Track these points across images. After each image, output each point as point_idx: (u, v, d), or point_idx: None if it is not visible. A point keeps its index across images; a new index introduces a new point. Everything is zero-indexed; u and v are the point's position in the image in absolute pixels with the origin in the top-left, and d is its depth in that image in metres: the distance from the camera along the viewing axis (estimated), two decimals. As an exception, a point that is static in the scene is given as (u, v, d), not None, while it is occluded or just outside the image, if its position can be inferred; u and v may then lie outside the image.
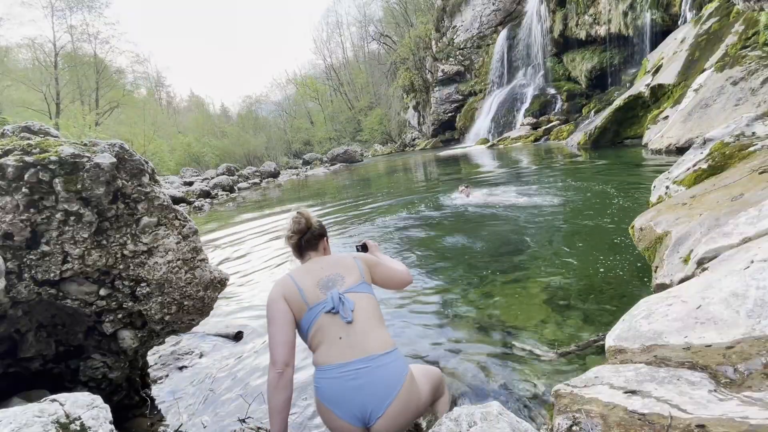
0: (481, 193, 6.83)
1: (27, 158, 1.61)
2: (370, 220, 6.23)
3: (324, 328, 1.42)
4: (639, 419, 0.90)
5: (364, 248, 1.99)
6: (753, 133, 2.86)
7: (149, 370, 2.41)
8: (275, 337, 1.42)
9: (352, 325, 1.40)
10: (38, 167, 1.61)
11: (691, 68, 9.03)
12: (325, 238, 1.71)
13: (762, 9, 5.06)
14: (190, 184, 18.40)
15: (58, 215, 1.64)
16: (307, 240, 1.65)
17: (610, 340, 1.35)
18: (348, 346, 1.38)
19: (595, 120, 12.65)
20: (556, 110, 19.57)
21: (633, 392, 1.01)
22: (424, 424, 1.71)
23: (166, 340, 2.54)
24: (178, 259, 1.94)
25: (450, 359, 2.23)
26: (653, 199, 3.17)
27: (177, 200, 12.16)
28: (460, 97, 28.95)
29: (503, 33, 24.77)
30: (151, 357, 2.63)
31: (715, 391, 0.95)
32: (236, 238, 6.56)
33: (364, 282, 1.54)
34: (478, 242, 4.29)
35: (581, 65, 18.93)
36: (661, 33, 13.96)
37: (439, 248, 4.32)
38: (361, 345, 1.38)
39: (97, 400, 1.30)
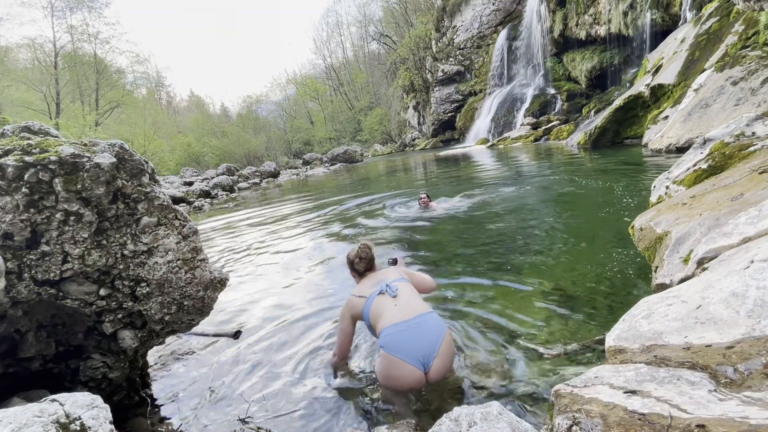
0: (444, 202, 6.32)
1: (27, 158, 1.61)
2: (370, 216, 6.24)
3: (380, 305, 1.96)
4: (639, 419, 0.90)
5: (394, 262, 2.57)
6: (753, 133, 2.86)
7: (149, 370, 2.41)
8: (339, 339, 2.16)
9: (398, 298, 1.95)
10: (38, 167, 1.61)
11: (691, 68, 9.02)
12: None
13: (762, 9, 5.06)
14: (190, 184, 18.38)
15: (58, 215, 1.64)
16: (369, 266, 2.26)
17: (610, 340, 1.35)
18: (401, 311, 1.89)
19: (595, 120, 12.64)
20: (556, 110, 19.56)
21: (633, 392, 1.01)
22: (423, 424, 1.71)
23: (166, 340, 2.54)
24: (178, 259, 1.94)
25: (450, 359, 2.23)
26: (653, 198, 3.17)
27: (177, 200, 12.15)
28: (460, 97, 28.93)
29: (503, 33, 24.75)
30: (151, 357, 2.63)
31: (715, 391, 0.95)
32: (235, 237, 6.56)
33: (403, 278, 2.12)
34: (477, 242, 4.30)
35: (581, 65, 18.92)
36: (661, 33, 13.95)
37: (437, 248, 4.32)
38: (410, 308, 1.90)
39: (97, 400, 1.30)
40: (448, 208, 6.01)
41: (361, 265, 2.24)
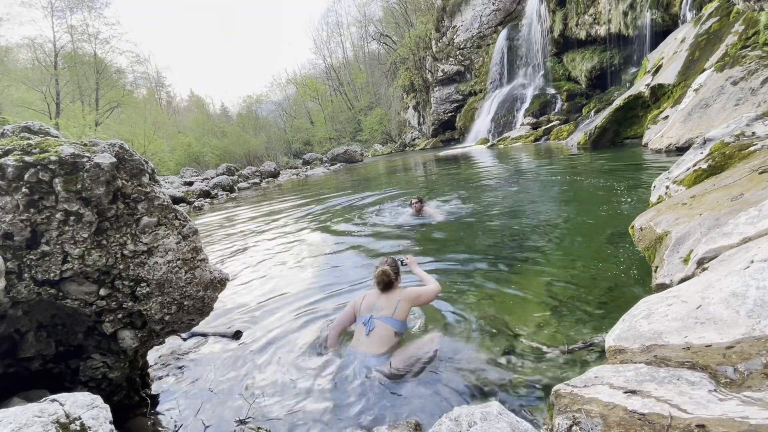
0: (440, 206, 6.16)
1: (27, 158, 1.61)
2: (368, 217, 6.23)
3: (358, 330, 2.44)
4: (639, 419, 0.90)
5: (401, 263, 2.83)
6: (753, 133, 2.86)
7: (149, 370, 2.41)
8: (340, 314, 2.66)
9: (369, 336, 2.35)
10: (38, 167, 1.61)
11: (691, 68, 9.02)
12: (397, 280, 2.58)
13: (762, 9, 5.06)
14: (190, 184, 18.38)
15: (58, 215, 1.64)
16: (386, 288, 2.53)
17: (610, 340, 1.35)
18: (360, 344, 2.36)
19: (595, 120, 12.64)
20: (556, 110, 19.54)
21: (633, 392, 1.01)
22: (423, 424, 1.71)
23: (166, 340, 2.54)
24: (178, 259, 1.94)
25: (450, 359, 2.23)
26: (653, 198, 3.17)
27: (177, 200, 12.14)
28: (460, 97, 28.92)
29: (503, 33, 24.73)
30: (151, 357, 2.63)
31: (715, 391, 0.95)
32: (235, 237, 6.56)
33: (390, 317, 2.40)
34: (477, 242, 4.30)
35: (581, 65, 18.92)
36: (661, 33, 13.95)
37: (438, 248, 4.32)
38: (366, 348, 2.32)
39: (97, 400, 1.30)
40: (444, 211, 5.82)
41: (379, 287, 2.57)
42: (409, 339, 2.47)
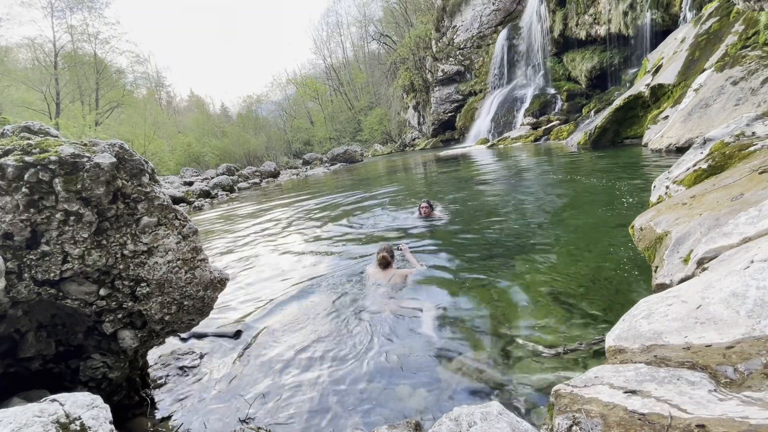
0: (443, 209, 6.08)
1: (27, 158, 1.61)
2: (367, 216, 6.24)
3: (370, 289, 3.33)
4: (639, 419, 0.90)
5: (398, 248, 3.84)
6: (753, 132, 2.86)
7: (149, 370, 2.41)
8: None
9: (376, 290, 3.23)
10: (38, 167, 1.61)
11: (691, 68, 9.02)
12: (392, 261, 3.61)
13: (762, 9, 5.06)
14: (190, 184, 18.39)
15: (58, 215, 1.64)
16: (385, 267, 3.55)
17: (610, 340, 1.35)
18: (375, 292, 3.21)
19: (595, 120, 12.64)
20: (556, 110, 19.55)
21: (633, 392, 1.01)
22: (423, 424, 1.71)
23: (166, 340, 2.54)
24: (178, 259, 1.94)
25: (451, 359, 2.23)
26: (653, 198, 3.17)
27: (177, 200, 12.15)
28: (460, 97, 28.92)
29: (503, 33, 24.74)
30: (151, 357, 2.63)
31: (715, 391, 0.95)
32: (235, 236, 6.56)
33: (386, 284, 3.31)
34: (477, 242, 4.30)
35: (581, 65, 18.92)
36: (661, 33, 13.95)
37: (437, 249, 4.32)
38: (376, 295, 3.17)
39: (97, 400, 1.30)
40: (445, 212, 5.78)
41: (381, 267, 3.57)
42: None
